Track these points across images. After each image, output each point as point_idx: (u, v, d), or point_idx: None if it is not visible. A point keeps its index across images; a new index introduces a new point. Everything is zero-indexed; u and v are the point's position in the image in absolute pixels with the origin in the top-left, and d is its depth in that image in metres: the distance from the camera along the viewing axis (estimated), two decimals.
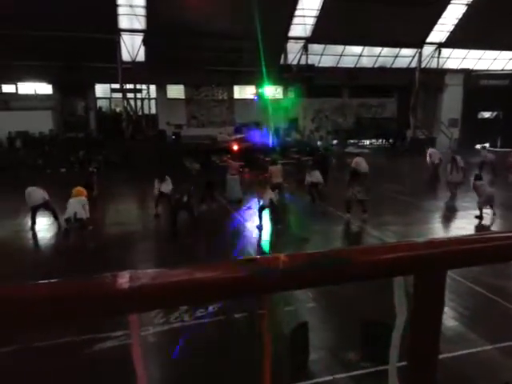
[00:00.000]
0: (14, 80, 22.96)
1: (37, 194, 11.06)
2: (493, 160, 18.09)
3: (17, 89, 23.45)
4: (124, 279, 0.67)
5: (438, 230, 11.20)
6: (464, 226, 11.20)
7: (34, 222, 11.26)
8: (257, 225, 10.60)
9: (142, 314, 0.78)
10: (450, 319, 6.13)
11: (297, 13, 23.18)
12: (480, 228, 10.79)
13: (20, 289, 0.68)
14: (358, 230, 11.13)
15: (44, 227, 11.22)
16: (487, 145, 29.77)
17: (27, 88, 23.56)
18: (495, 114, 31.44)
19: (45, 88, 23.66)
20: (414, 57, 27.86)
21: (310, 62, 25.32)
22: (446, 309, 6.42)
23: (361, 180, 12.11)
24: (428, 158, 18.35)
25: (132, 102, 23.87)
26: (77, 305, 0.67)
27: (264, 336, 0.82)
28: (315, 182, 12.96)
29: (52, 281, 0.70)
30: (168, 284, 0.69)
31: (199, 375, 4.93)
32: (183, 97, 26.24)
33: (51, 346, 5.11)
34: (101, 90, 25.30)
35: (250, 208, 12.67)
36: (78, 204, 9.58)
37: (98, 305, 0.68)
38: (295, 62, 25.53)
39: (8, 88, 23.30)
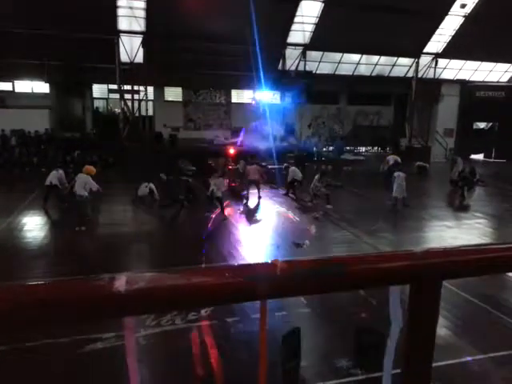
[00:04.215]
0: (10, 78, 22.78)
1: (50, 176, 12.71)
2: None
3: (13, 87, 23.28)
4: (121, 282, 0.67)
5: (428, 239, 11.28)
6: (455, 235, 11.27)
7: (45, 201, 12.56)
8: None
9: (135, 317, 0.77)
10: (441, 328, 6.15)
11: (296, 19, 23.28)
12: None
13: (13, 289, 0.67)
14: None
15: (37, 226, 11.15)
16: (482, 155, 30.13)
17: (24, 86, 23.40)
18: (490, 124, 31.68)
19: (42, 87, 23.46)
20: (411, 66, 28.02)
21: (308, 68, 25.43)
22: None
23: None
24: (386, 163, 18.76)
25: (129, 103, 23.81)
26: (72, 307, 0.67)
27: (260, 341, 0.82)
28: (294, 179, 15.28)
29: (47, 282, 0.70)
30: (164, 288, 0.69)
31: (189, 378, 4.90)
32: (180, 99, 26.18)
33: (42, 346, 5.07)
34: (98, 90, 25.19)
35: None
36: (81, 180, 11.20)
37: (94, 307, 0.68)
38: (293, 68, 25.62)
39: (4, 86, 23.10)
